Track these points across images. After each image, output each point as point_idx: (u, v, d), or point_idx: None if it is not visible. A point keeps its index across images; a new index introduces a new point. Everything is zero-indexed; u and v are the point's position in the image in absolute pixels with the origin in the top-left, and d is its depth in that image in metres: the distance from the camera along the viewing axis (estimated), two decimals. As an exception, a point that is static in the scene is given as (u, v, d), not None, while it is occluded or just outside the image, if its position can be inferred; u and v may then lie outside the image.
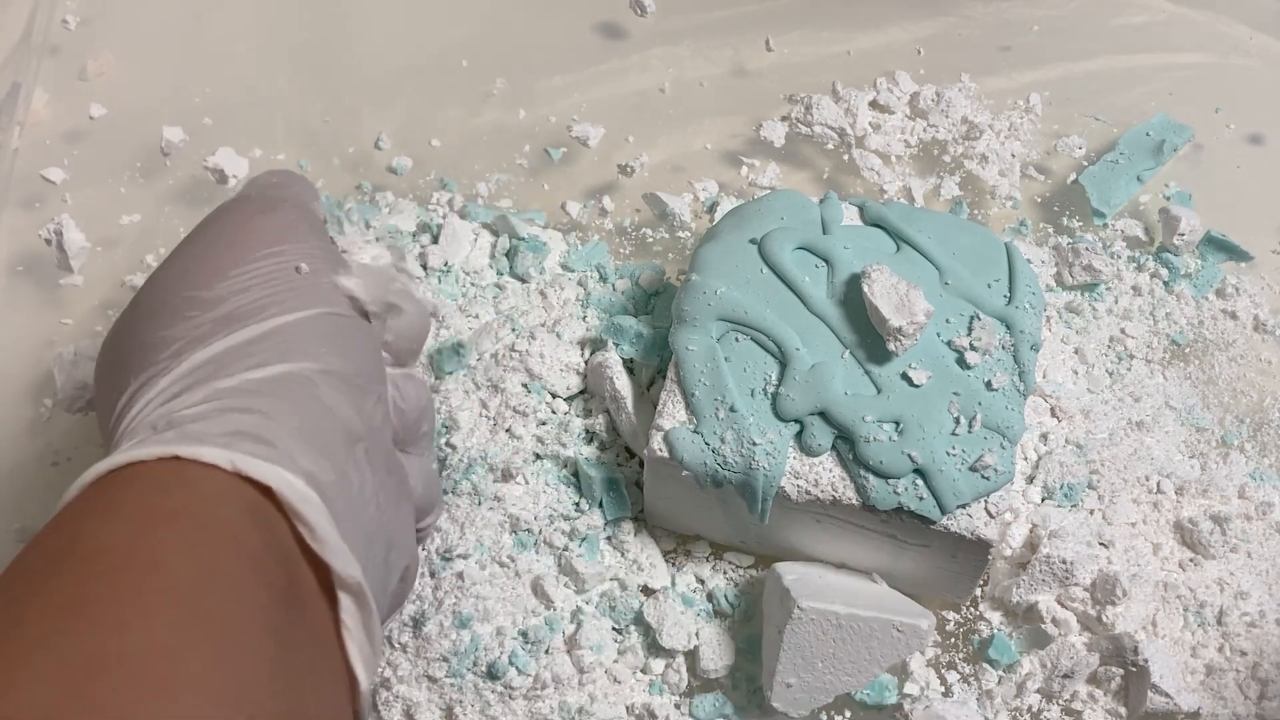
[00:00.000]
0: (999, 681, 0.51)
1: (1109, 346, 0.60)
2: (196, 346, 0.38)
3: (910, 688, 0.51)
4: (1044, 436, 0.56)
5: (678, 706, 0.51)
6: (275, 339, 0.38)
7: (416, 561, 0.44)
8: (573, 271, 0.61)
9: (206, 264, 0.41)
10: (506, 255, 0.60)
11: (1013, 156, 0.66)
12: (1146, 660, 0.49)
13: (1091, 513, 0.54)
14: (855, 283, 0.50)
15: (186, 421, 0.35)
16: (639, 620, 0.51)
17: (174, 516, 0.32)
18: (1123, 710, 0.50)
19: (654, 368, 0.55)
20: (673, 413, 0.50)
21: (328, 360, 0.38)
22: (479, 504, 0.53)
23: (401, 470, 0.43)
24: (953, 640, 0.53)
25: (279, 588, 0.33)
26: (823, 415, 0.49)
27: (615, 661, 0.51)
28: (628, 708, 0.50)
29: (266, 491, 0.34)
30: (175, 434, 0.35)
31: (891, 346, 0.49)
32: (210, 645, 0.30)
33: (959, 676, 0.51)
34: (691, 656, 0.51)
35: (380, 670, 0.50)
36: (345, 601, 0.35)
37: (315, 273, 0.41)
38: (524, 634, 0.50)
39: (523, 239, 0.61)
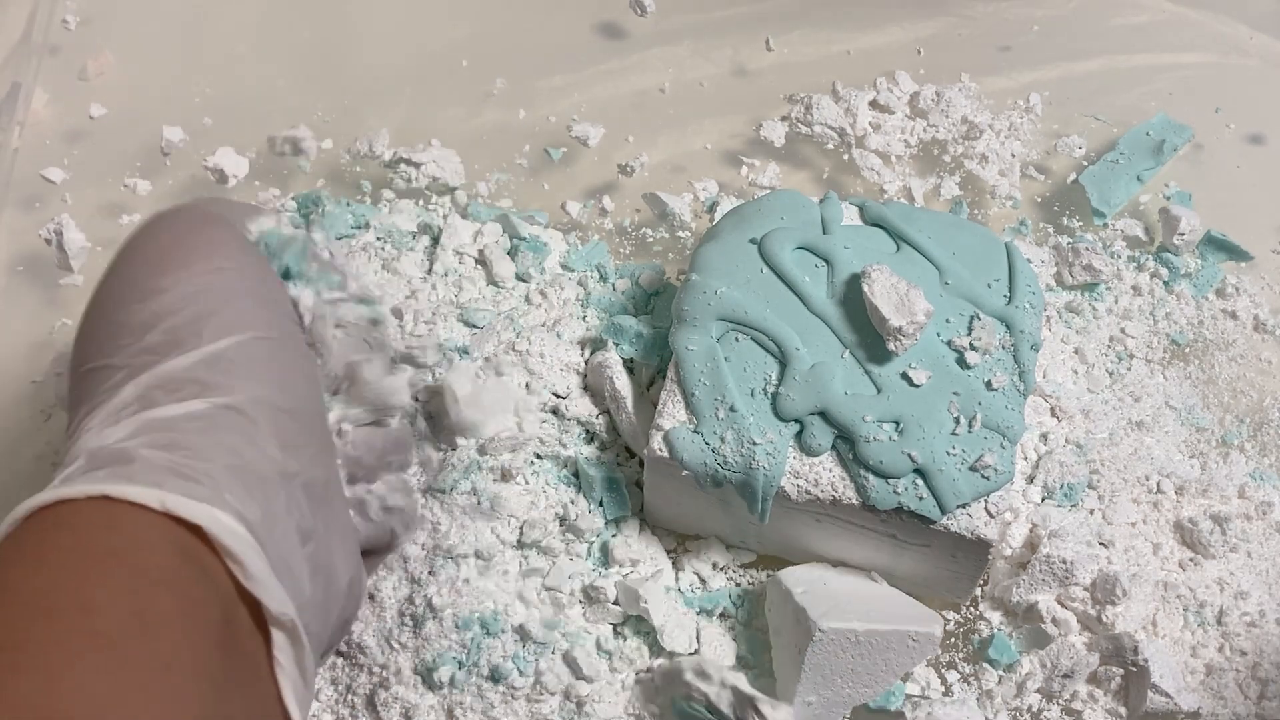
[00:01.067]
0: (999, 681, 0.51)
1: (1109, 346, 0.60)
2: (134, 375, 0.37)
3: (910, 688, 0.51)
4: (1044, 436, 0.56)
5: (678, 706, 0.51)
6: (208, 367, 0.37)
7: (363, 590, 0.43)
8: (573, 271, 0.61)
9: (142, 283, 0.40)
10: (509, 254, 0.60)
11: (1013, 156, 0.66)
12: (1146, 660, 0.49)
13: (1091, 513, 0.54)
14: (855, 283, 0.50)
15: (117, 458, 0.35)
16: (640, 620, 0.51)
17: (104, 560, 0.32)
18: (1123, 710, 0.50)
19: (654, 368, 0.55)
20: (673, 413, 0.50)
21: (259, 390, 0.37)
22: (479, 504, 0.52)
23: (343, 501, 0.42)
24: (953, 640, 0.53)
25: (214, 628, 0.32)
26: (823, 415, 0.49)
27: (616, 660, 0.51)
28: (627, 708, 0.50)
29: (197, 530, 0.33)
30: (106, 472, 0.34)
31: (891, 346, 0.49)
32: (141, 693, 0.30)
33: (959, 676, 0.51)
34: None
35: (379, 671, 0.50)
36: (279, 639, 0.34)
37: (249, 291, 0.40)
38: (524, 634, 0.50)
39: (524, 239, 0.61)
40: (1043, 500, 0.55)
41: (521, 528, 0.52)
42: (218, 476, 0.35)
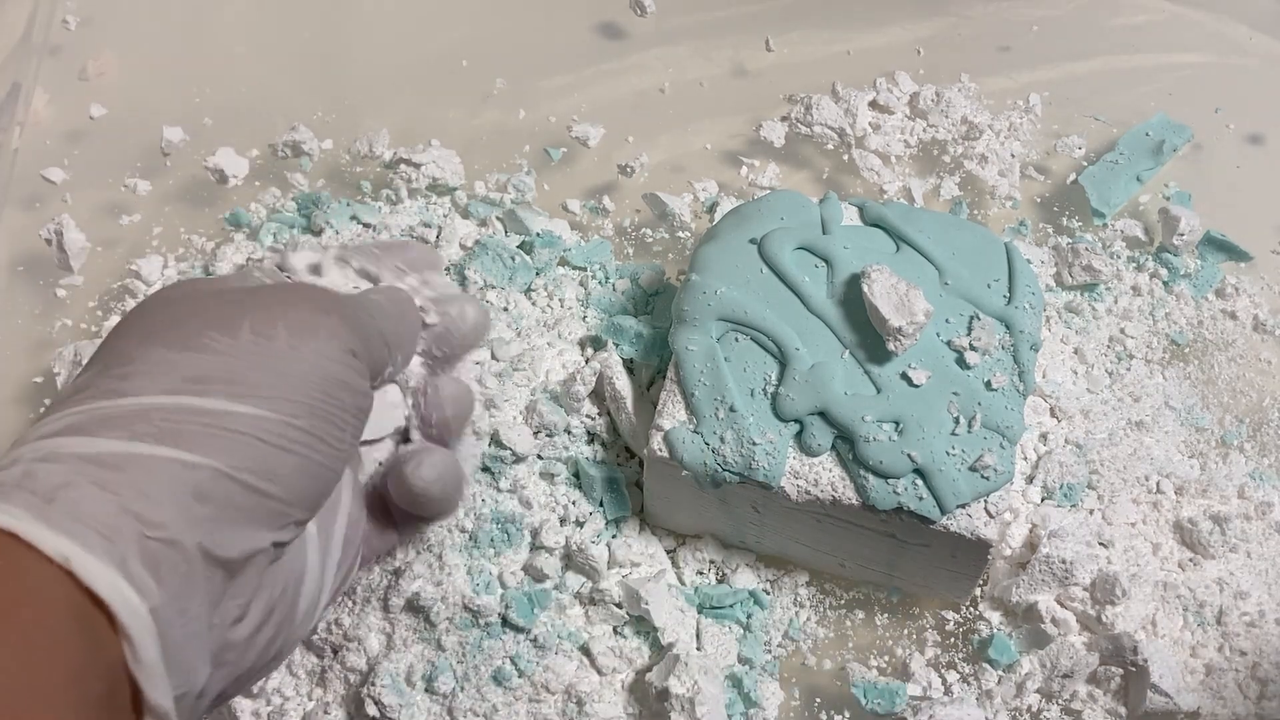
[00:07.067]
0: (999, 681, 0.51)
1: (1109, 346, 0.60)
2: (140, 391, 0.35)
3: (911, 688, 0.51)
4: (1044, 436, 0.56)
5: (678, 706, 0.51)
6: (202, 420, 0.35)
7: (292, 647, 0.40)
8: (575, 269, 0.60)
9: (241, 310, 0.38)
10: (521, 248, 0.60)
11: (1012, 156, 0.66)
12: (1146, 660, 0.49)
13: (1091, 513, 0.54)
14: (855, 283, 0.50)
15: (39, 483, 0.33)
16: (640, 620, 0.51)
17: None
18: (1122, 710, 0.50)
19: (654, 368, 0.55)
20: (673, 413, 0.50)
21: (245, 469, 0.35)
22: (480, 504, 0.52)
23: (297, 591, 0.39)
24: (953, 640, 0.53)
25: (95, 701, 0.31)
26: (822, 415, 0.49)
27: (616, 660, 0.51)
28: (627, 708, 0.50)
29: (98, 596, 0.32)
30: (15, 505, 0.32)
31: (891, 346, 0.49)
32: None
33: (959, 676, 0.51)
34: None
35: (377, 670, 0.50)
36: None
37: (313, 387, 0.37)
38: (527, 633, 0.50)
39: (538, 235, 0.60)
40: (1042, 500, 0.55)
41: (522, 527, 0.52)
42: (131, 543, 0.33)
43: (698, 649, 0.51)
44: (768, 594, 0.53)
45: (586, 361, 0.56)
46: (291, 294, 0.40)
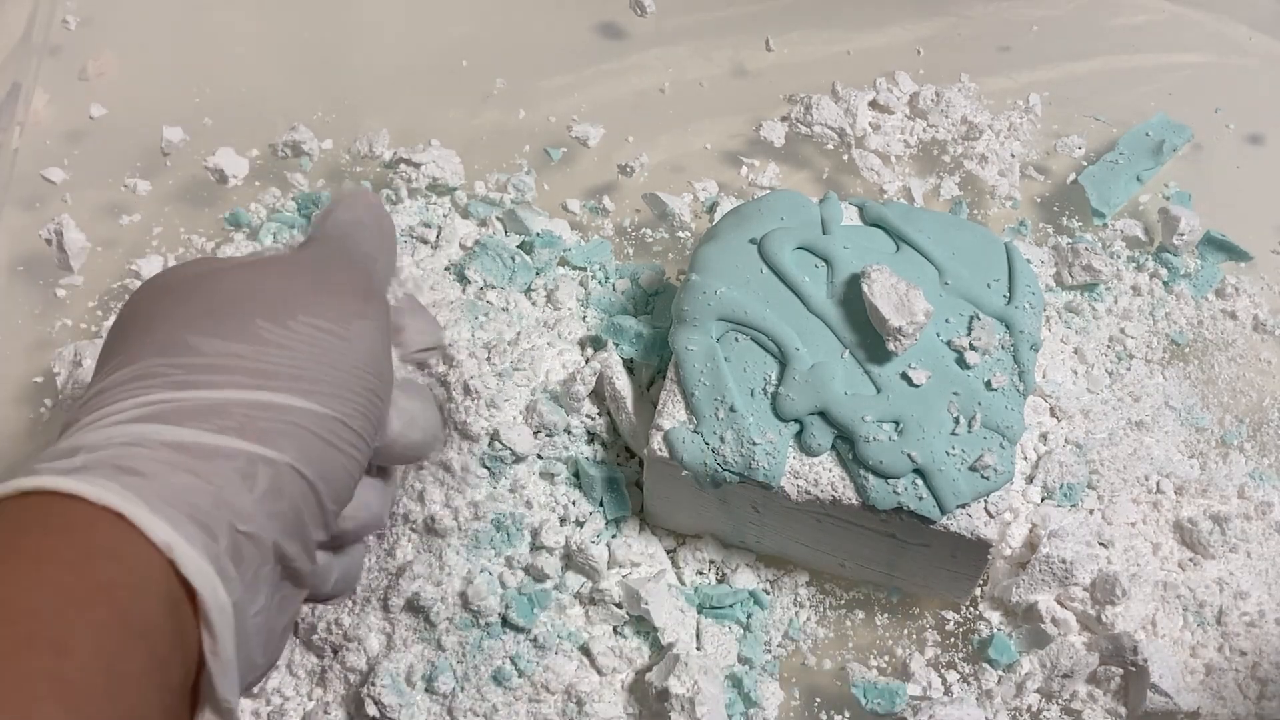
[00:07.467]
0: (999, 681, 0.51)
1: (1109, 346, 0.60)
2: (215, 385, 0.36)
3: (911, 688, 0.51)
4: (1044, 436, 0.56)
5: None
6: (275, 415, 0.36)
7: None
8: (575, 269, 0.60)
9: (284, 298, 0.38)
10: (521, 248, 0.60)
11: (1012, 156, 0.66)
12: (1146, 660, 0.49)
13: (1091, 513, 0.54)
14: (855, 283, 0.50)
15: (138, 466, 0.33)
16: (640, 620, 0.52)
17: (96, 594, 0.31)
18: (1122, 710, 0.50)
19: (654, 368, 0.55)
20: (673, 413, 0.50)
21: (310, 466, 0.36)
22: (479, 505, 0.52)
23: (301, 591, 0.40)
24: (953, 640, 0.53)
25: (170, 694, 0.32)
26: (822, 415, 0.49)
27: (616, 660, 0.51)
28: (627, 708, 0.50)
29: (189, 585, 0.32)
30: (121, 486, 0.32)
31: (891, 346, 0.49)
32: None
33: (959, 676, 0.51)
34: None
35: (377, 670, 0.50)
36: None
37: (361, 365, 0.38)
38: (527, 633, 0.50)
39: (538, 235, 0.61)
40: (1042, 500, 0.55)
41: (521, 528, 0.52)
42: (227, 534, 0.33)
43: (698, 649, 0.51)
44: (768, 594, 0.53)
45: (586, 361, 0.56)
46: (334, 278, 0.40)
